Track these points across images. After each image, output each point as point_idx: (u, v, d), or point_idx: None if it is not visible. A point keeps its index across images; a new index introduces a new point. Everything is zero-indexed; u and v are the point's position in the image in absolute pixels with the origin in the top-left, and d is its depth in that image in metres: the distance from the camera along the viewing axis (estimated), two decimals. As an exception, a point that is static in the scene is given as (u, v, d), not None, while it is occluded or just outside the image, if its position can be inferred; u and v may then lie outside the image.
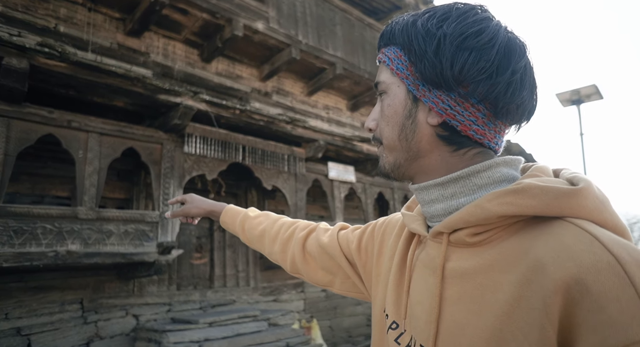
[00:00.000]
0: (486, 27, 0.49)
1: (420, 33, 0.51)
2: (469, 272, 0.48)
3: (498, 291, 0.44)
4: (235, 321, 4.40)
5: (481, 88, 0.48)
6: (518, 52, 0.49)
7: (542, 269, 0.40)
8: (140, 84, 3.65)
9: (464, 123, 0.50)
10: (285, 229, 0.89)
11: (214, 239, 5.51)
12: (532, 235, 0.44)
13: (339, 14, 6.70)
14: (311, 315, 5.93)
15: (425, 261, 0.54)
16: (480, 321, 0.44)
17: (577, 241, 0.40)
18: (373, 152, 6.13)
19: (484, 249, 0.48)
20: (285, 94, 6.69)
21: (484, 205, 0.46)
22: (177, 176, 4.24)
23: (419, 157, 0.54)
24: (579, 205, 0.43)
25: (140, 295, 4.34)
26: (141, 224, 3.81)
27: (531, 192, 0.44)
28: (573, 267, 0.38)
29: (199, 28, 5.21)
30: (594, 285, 0.37)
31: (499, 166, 0.50)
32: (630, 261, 0.37)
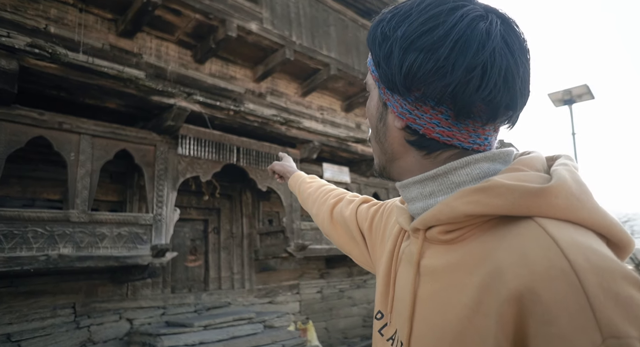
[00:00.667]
0: (442, 22, 0.45)
1: (377, 38, 0.50)
2: (439, 270, 0.46)
3: (462, 293, 0.42)
4: (230, 323, 4.37)
5: (433, 89, 0.45)
6: (477, 44, 0.44)
7: (500, 275, 0.38)
8: (132, 85, 3.61)
9: (426, 126, 0.47)
10: (322, 195, 0.94)
11: (208, 242, 5.47)
12: (498, 236, 0.42)
13: (332, 14, 6.70)
14: (307, 317, 5.91)
15: (408, 256, 0.53)
16: (445, 322, 0.43)
17: (535, 245, 0.37)
18: (368, 152, 6.13)
19: (456, 247, 0.46)
20: (280, 94, 6.67)
21: (451, 203, 0.44)
22: (171, 178, 4.20)
23: (395, 159, 0.53)
24: (549, 204, 0.40)
25: (134, 298, 4.29)
26: (135, 226, 3.76)
27: (497, 190, 0.41)
28: (527, 275, 0.36)
29: (192, 29, 5.17)
30: (545, 294, 0.34)
31: (479, 162, 0.47)
32: (586, 267, 0.34)
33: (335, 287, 6.62)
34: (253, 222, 5.77)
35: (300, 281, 6.14)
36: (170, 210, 4.15)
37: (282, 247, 5.21)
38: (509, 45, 0.45)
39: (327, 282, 6.52)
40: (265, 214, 6.05)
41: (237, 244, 5.61)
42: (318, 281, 6.40)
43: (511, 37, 0.46)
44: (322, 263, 6.47)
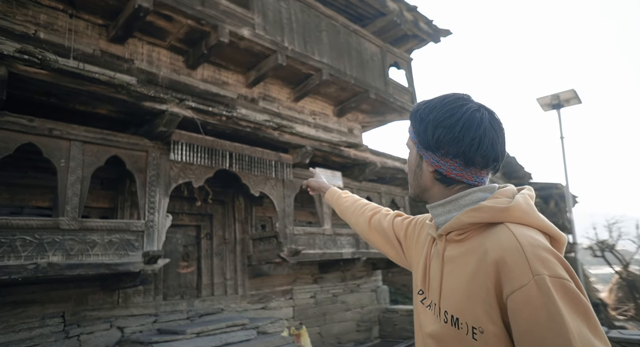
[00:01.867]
0: (456, 112, 0.81)
1: (418, 119, 0.87)
2: (455, 257, 0.80)
3: (467, 266, 0.75)
4: (223, 330, 4.33)
5: (452, 149, 0.80)
6: (476, 125, 0.80)
7: (487, 253, 0.72)
8: (124, 91, 3.59)
9: (447, 170, 0.82)
10: (360, 208, 1.28)
11: (201, 248, 5.43)
12: (486, 234, 0.76)
13: (324, 20, 6.75)
14: (300, 322, 5.88)
15: (436, 253, 0.86)
16: (459, 284, 0.76)
17: (504, 236, 0.71)
18: (360, 157, 6.16)
19: (463, 243, 0.79)
20: (272, 100, 6.68)
21: (460, 218, 0.79)
22: (163, 184, 4.17)
23: (426, 190, 0.88)
24: (510, 215, 0.74)
25: (125, 306, 4.24)
26: (126, 233, 3.73)
27: (483, 209, 0.76)
28: (499, 251, 0.70)
29: (184, 34, 5.17)
30: (508, 259, 0.68)
31: (476, 192, 0.82)
32: (527, 245, 0.68)
33: (329, 292, 6.60)
34: (246, 227, 5.75)
35: (294, 286, 6.12)
36: (162, 216, 4.12)
37: (275, 252, 5.19)
38: (492, 125, 0.82)
39: (321, 287, 6.51)
40: (258, 219, 6.03)
41: (230, 250, 5.58)
42: (311, 286, 6.38)
43: (494, 121, 0.83)
44: (315, 268, 6.46)
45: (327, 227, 5.75)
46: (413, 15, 7.92)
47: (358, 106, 7.47)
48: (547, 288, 0.63)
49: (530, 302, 0.63)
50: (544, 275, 0.64)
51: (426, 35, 8.30)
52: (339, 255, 5.80)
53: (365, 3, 7.36)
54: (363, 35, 7.41)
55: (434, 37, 8.43)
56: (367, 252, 6.19)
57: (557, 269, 0.65)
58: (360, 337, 6.83)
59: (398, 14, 7.59)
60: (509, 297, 0.66)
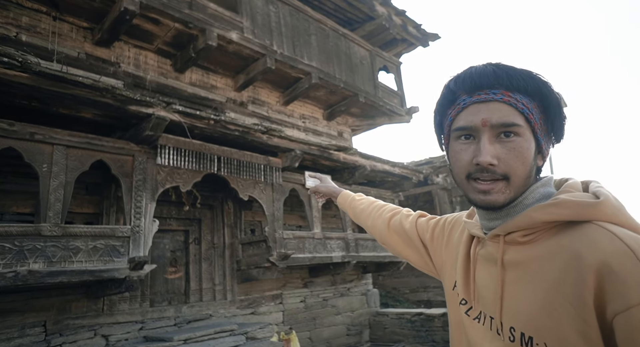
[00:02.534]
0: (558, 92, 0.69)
1: (554, 95, 0.67)
2: (521, 262, 0.65)
3: (546, 274, 0.61)
4: (211, 336, 4.27)
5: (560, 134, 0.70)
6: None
7: (579, 257, 0.57)
8: (109, 94, 3.54)
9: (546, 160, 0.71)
10: (377, 209, 1.16)
11: (189, 253, 5.36)
12: (567, 234, 0.61)
13: (313, 24, 6.76)
14: (290, 327, 5.84)
15: (486, 256, 0.72)
16: (534, 294, 0.61)
17: (601, 237, 0.57)
18: (350, 160, 6.16)
19: (532, 245, 0.64)
20: (261, 103, 6.66)
21: (531, 214, 0.64)
22: (149, 189, 4.12)
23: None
24: (601, 212, 0.60)
25: (110, 313, 4.15)
26: (111, 239, 3.66)
27: (566, 204, 0.62)
28: (601, 255, 0.55)
29: (171, 38, 5.13)
30: (616, 266, 0.54)
31: (538, 188, 0.69)
32: (638, 249, 0.54)
33: (319, 296, 6.57)
34: (235, 232, 5.70)
35: (284, 291, 6.08)
36: (149, 221, 4.05)
37: (265, 256, 5.15)
38: None
39: (311, 291, 6.48)
40: (247, 224, 5.99)
41: (219, 255, 5.52)
42: (301, 291, 6.35)
43: None
44: (305, 272, 6.43)
45: (316, 231, 5.73)
46: (402, 19, 7.99)
47: (348, 110, 7.49)
48: None
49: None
50: None
51: (415, 39, 8.37)
52: (329, 259, 5.78)
53: (354, 7, 7.41)
54: (352, 39, 7.44)
55: (423, 41, 8.51)
56: (357, 255, 6.19)
57: None
58: (351, 341, 6.81)
59: (387, 18, 7.64)
60: (620, 315, 0.52)
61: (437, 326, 6.53)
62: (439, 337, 6.46)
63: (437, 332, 6.51)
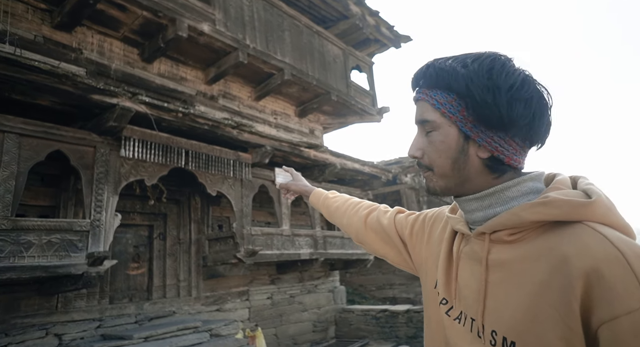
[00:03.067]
0: (525, 79, 0.62)
1: (477, 85, 0.62)
2: (508, 262, 0.61)
3: (531, 276, 0.57)
4: (174, 333, 4.19)
5: (524, 130, 0.62)
6: (548, 101, 0.64)
7: (567, 261, 0.54)
8: (70, 82, 3.37)
9: (509, 156, 0.64)
10: (352, 207, 1.09)
11: (153, 248, 5.22)
12: (556, 234, 0.57)
13: (287, 19, 6.73)
14: (256, 323, 5.82)
15: (470, 254, 0.68)
16: (518, 298, 0.58)
17: (592, 240, 0.54)
18: (320, 158, 6.20)
19: (519, 245, 0.61)
20: (232, 98, 6.56)
21: (519, 213, 0.60)
22: (112, 181, 3.97)
23: (467, 181, 0.67)
24: (592, 212, 0.57)
25: (65, 311, 3.97)
26: (68, 233, 3.50)
27: (556, 203, 0.58)
28: (591, 260, 0.52)
29: (139, 26, 4.95)
30: (606, 272, 0.50)
31: (526, 181, 0.64)
32: (631, 254, 0.51)
33: (286, 293, 6.59)
34: (202, 227, 5.60)
35: (250, 287, 6.05)
36: (111, 215, 3.91)
37: (232, 253, 5.10)
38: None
39: (278, 288, 6.48)
40: (215, 219, 5.90)
41: (185, 250, 5.41)
42: (268, 287, 6.33)
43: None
44: (273, 269, 6.42)
45: (285, 227, 5.73)
46: (375, 20, 8.10)
47: (320, 107, 7.52)
48: None
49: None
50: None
51: (387, 40, 8.52)
52: (297, 255, 5.80)
53: (329, 5, 7.43)
54: (326, 37, 7.47)
55: (395, 42, 8.67)
56: (325, 252, 6.24)
57: None
58: (317, 337, 6.87)
59: (361, 18, 7.73)
60: (606, 325, 0.49)
61: (401, 322, 6.71)
62: (402, 333, 6.64)
63: (400, 328, 6.69)
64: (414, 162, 5.22)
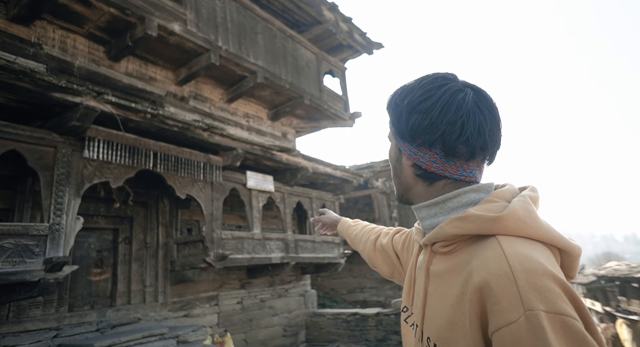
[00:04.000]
0: (433, 94, 0.68)
1: (391, 105, 0.73)
2: (440, 273, 0.66)
3: (452, 288, 0.62)
4: (138, 341, 4.05)
5: (429, 138, 0.67)
6: (456, 107, 0.66)
7: (471, 274, 0.58)
8: (27, 78, 3.21)
9: (427, 163, 0.68)
10: (366, 234, 1.16)
11: (118, 252, 5.03)
12: (474, 248, 0.62)
13: (260, 22, 6.72)
14: (225, 329, 5.71)
15: (419, 264, 0.74)
16: (443, 307, 0.63)
17: (492, 255, 0.57)
18: (292, 162, 6.20)
19: (451, 256, 0.65)
20: (204, 99, 6.45)
21: (443, 227, 0.65)
22: (74, 183, 3.80)
23: (409, 188, 0.74)
24: (503, 226, 0.60)
25: (17, 321, 3.74)
26: (24, 238, 3.32)
27: (470, 218, 0.62)
28: (485, 274, 0.56)
29: (105, 23, 4.79)
30: (494, 286, 0.54)
31: (467, 193, 0.68)
32: (519, 269, 0.54)
33: (257, 298, 6.51)
34: (170, 231, 5.46)
35: (220, 292, 5.94)
36: (72, 219, 3.74)
37: (201, 257, 5.00)
38: (479, 107, 0.67)
39: (248, 292, 6.39)
40: (184, 223, 5.76)
41: (152, 255, 5.24)
42: (239, 291, 6.24)
43: (482, 102, 0.68)
44: (243, 273, 6.34)
45: (256, 231, 5.68)
46: (348, 26, 8.22)
47: (292, 111, 7.53)
48: (540, 328, 0.49)
49: (519, 344, 0.50)
50: (539, 311, 0.50)
51: (360, 46, 8.66)
52: (267, 260, 5.75)
53: (302, 10, 7.48)
54: (299, 41, 7.50)
55: (368, 49, 8.83)
56: (296, 256, 6.23)
57: (558, 303, 0.51)
58: (287, 342, 6.83)
59: (334, 24, 7.82)
60: (494, 334, 0.53)
61: (371, 325, 6.78)
62: (372, 336, 6.71)
63: (370, 332, 6.76)
64: (385, 166, 5.41)
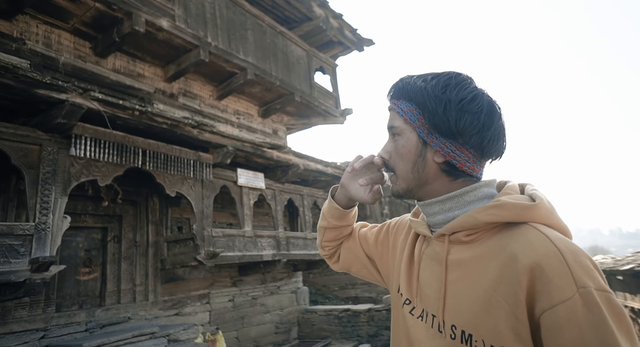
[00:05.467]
0: (476, 95, 0.70)
1: (431, 96, 0.71)
2: (464, 261, 0.68)
3: (486, 273, 0.64)
4: (128, 340, 4.01)
5: (474, 139, 0.69)
6: (497, 114, 0.71)
7: (515, 258, 0.61)
8: (10, 74, 3.14)
9: (461, 162, 0.71)
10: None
11: (107, 252, 4.97)
12: (507, 235, 0.65)
13: (250, 19, 6.66)
14: (217, 327, 5.69)
15: (431, 255, 0.75)
16: (474, 293, 0.65)
17: (535, 239, 0.61)
18: (283, 159, 6.18)
19: (475, 245, 0.68)
20: (193, 96, 6.39)
21: (475, 215, 0.67)
22: (60, 182, 3.74)
23: (426, 184, 0.74)
24: (537, 214, 0.65)
25: (2, 323, 3.67)
26: (8, 237, 3.26)
27: (506, 206, 0.66)
28: (534, 256, 0.59)
29: (91, 18, 4.70)
30: (546, 267, 0.58)
31: (482, 187, 0.72)
32: (567, 251, 0.59)
33: (248, 295, 6.50)
34: (160, 229, 5.40)
35: (211, 290, 5.91)
36: (59, 218, 3.68)
37: (192, 255, 4.96)
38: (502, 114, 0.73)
39: (240, 290, 6.38)
40: (174, 221, 5.71)
41: (142, 254, 5.19)
42: (230, 289, 6.22)
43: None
44: (234, 271, 6.32)
45: (247, 229, 5.66)
46: (339, 22, 8.20)
47: (283, 108, 7.50)
48: (594, 303, 0.54)
49: (575, 319, 0.54)
50: (590, 288, 0.55)
51: (350, 43, 8.64)
52: (259, 257, 5.74)
53: (292, 6, 7.43)
54: (290, 37, 7.46)
55: (358, 45, 8.82)
56: (288, 253, 6.23)
57: (601, 281, 0.57)
58: (279, 339, 6.83)
59: (324, 20, 7.79)
60: (546, 313, 0.56)
61: (363, 321, 6.82)
62: (364, 332, 6.76)
63: (362, 327, 6.80)
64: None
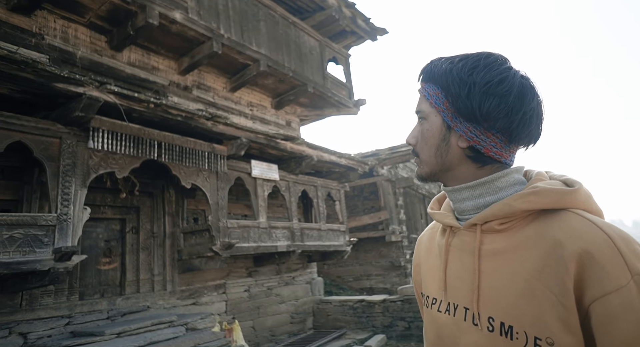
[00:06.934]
0: (505, 77, 0.65)
1: (455, 79, 0.67)
2: (500, 250, 0.64)
3: (525, 262, 0.61)
4: (148, 328, 4.11)
5: (500, 123, 0.65)
6: (529, 96, 0.66)
7: (560, 245, 0.58)
8: (30, 69, 3.20)
9: (487, 147, 0.67)
10: None
11: (125, 242, 5.09)
12: (545, 222, 0.62)
13: (262, 9, 6.62)
14: (233, 316, 5.79)
15: (460, 246, 0.71)
16: (513, 283, 0.61)
17: (580, 225, 0.59)
18: (297, 150, 6.18)
19: (509, 234, 0.65)
20: (207, 89, 6.42)
21: (511, 203, 0.64)
22: (80, 174, 3.82)
23: (450, 169, 0.71)
24: (576, 200, 0.63)
25: (30, 309, 3.82)
26: (33, 228, 3.36)
27: (545, 193, 0.63)
28: (582, 243, 0.57)
29: (106, 12, 4.75)
30: (596, 254, 0.55)
31: (512, 173, 0.69)
32: (617, 237, 0.57)
33: (263, 286, 6.58)
34: (176, 220, 5.49)
35: (227, 281, 6.00)
36: (79, 209, 3.77)
37: (208, 246, 5.04)
38: (540, 98, 0.68)
39: (255, 280, 6.46)
40: (190, 212, 5.79)
41: (159, 244, 5.30)
42: (245, 280, 6.31)
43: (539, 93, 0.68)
44: (250, 261, 6.39)
45: (262, 220, 5.70)
46: (351, 12, 8.08)
47: (296, 99, 7.47)
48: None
49: (632, 308, 0.52)
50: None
51: (364, 32, 8.52)
52: (274, 248, 5.79)
53: (305, -4, 7.35)
54: (302, 28, 7.40)
55: (371, 35, 8.69)
56: (302, 244, 6.26)
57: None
58: (294, 328, 6.92)
59: (337, 10, 7.69)
60: (598, 301, 0.54)
61: (378, 312, 6.84)
62: (378, 322, 6.77)
63: (377, 318, 6.81)
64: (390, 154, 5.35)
